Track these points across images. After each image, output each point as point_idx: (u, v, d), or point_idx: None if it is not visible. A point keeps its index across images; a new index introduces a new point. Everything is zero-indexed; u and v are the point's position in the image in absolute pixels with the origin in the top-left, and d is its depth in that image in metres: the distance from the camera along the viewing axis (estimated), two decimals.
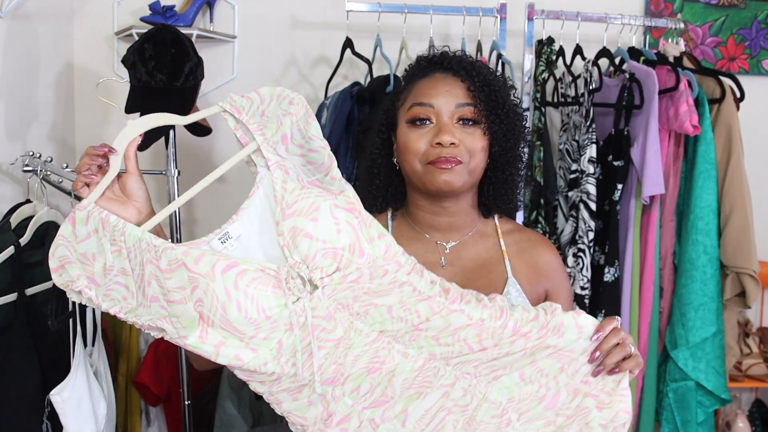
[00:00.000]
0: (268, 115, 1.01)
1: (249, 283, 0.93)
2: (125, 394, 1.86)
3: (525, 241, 1.22)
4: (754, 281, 1.94)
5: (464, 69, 1.15)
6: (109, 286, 0.97)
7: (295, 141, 1.02)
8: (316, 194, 0.98)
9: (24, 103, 1.82)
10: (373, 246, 0.97)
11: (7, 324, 1.34)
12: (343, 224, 0.96)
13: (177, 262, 0.93)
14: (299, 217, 0.96)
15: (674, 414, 1.99)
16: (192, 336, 0.94)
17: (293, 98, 1.01)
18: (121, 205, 0.99)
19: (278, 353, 0.96)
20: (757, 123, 2.32)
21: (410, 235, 1.20)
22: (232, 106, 1.01)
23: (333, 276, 0.96)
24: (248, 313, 0.93)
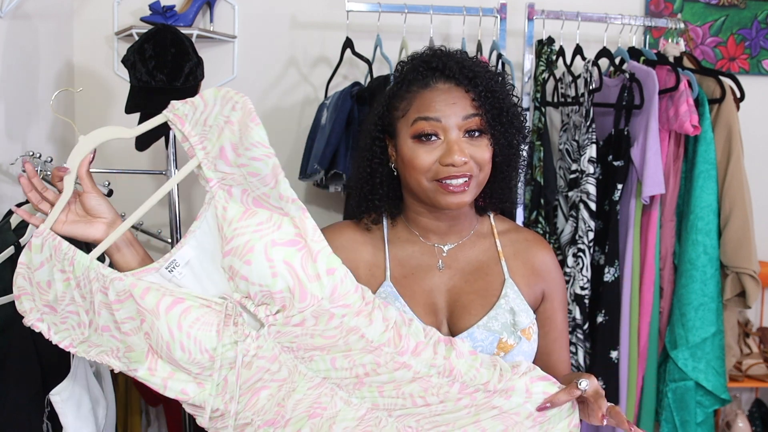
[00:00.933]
0: (209, 123, 0.94)
1: (192, 323, 0.92)
2: (125, 394, 1.86)
3: (521, 242, 1.21)
4: (754, 281, 1.94)
5: (467, 78, 1.10)
6: (64, 315, 0.97)
7: (238, 151, 0.92)
8: (252, 229, 0.92)
9: (24, 103, 1.82)
10: (320, 285, 0.92)
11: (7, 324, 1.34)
12: (279, 266, 0.91)
13: (125, 294, 0.93)
14: (234, 257, 0.92)
15: (673, 414, 1.99)
16: (141, 369, 0.94)
17: (236, 102, 0.93)
18: (87, 225, 0.98)
19: (223, 390, 0.96)
20: (757, 123, 2.32)
21: (407, 238, 1.19)
22: (175, 115, 0.95)
23: (276, 316, 0.93)
24: (191, 354, 0.92)
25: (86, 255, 0.94)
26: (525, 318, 1.11)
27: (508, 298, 1.12)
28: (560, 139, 2.10)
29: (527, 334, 1.10)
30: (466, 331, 1.09)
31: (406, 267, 1.15)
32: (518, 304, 1.13)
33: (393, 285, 1.12)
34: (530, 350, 1.12)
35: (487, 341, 1.08)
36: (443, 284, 1.15)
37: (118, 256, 1.01)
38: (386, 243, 1.18)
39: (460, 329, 1.10)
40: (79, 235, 0.98)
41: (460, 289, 1.14)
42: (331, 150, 1.85)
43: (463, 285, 1.15)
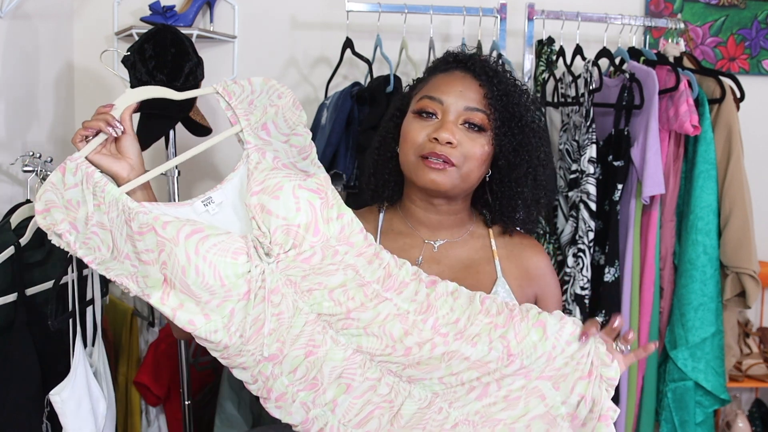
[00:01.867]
0: (255, 104, 1.11)
1: (209, 248, 0.98)
2: (125, 394, 1.86)
3: (516, 245, 1.22)
4: (754, 281, 1.94)
5: (486, 74, 1.13)
6: (88, 235, 1.02)
7: (279, 129, 1.11)
8: (283, 175, 1.04)
9: (24, 103, 1.82)
10: (329, 226, 1.02)
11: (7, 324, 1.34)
12: (303, 203, 1.01)
13: (147, 226, 0.99)
14: (263, 194, 1.02)
15: (673, 414, 1.99)
16: (155, 296, 0.99)
17: (282, 92, 1.12)
18: (115, 160, 1.06)
19: (229, 322, 1.00)
20: (757, 123, 2.32)
21: (400, 228, 1.21)
22: (225, 90, 1.11)
23: (288, 253, 1.01)
24: (205, 277, 0.97)
25: (116, 187, 1.03)
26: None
27: (497, 297, 1.13)
28: (560, 139, 2.10)
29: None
30: None
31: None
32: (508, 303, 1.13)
33: None
34: None
35: None
36: None
37: (139, 194, 1.09)
38: (379, 233, 1.21)
39: None
40: (104, 165, 1.05)
41: None
42: (331, 150, 1.85)
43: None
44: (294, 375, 1.02)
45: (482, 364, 1.01)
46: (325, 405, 1.03)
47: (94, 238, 1.02)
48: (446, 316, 1.02)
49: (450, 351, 1.01)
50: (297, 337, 1.02)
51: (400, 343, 1.01)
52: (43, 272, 1.44)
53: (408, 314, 1.02)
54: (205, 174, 2.25)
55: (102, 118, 1.04)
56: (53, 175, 1.03)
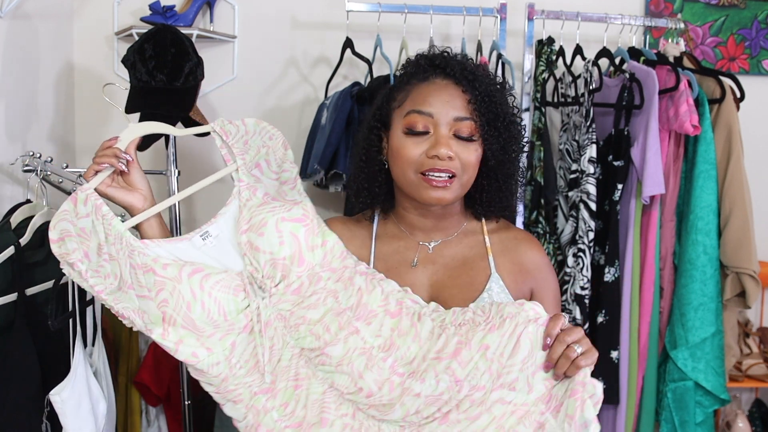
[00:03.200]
0: (250, 144, 1.19)
1: (213, 285, 1.04)
2: (125, 394, 1.86)
3: (511, 240, 1.21)
4: (754, 281, 1.94)
5: (466, 78, 1.12)
6: (100, 264, 1.06)
7: (271, 167, 1.20)
8: (268, 209, 1.10)
9: (24, 103, 1.82)
10: (314, 254, 1.09)
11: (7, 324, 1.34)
12: (287, 236, 1.07)
13: (146, 267, 1.04)
14: (251, 232, 1.08)
15: (673, 414, 1.99)
16: (156, 331, 1.04)
17: (273, 134, 1.21)
18: (128, 192, 1.12)
19: (230, 354, 1.06)
20: (757, 123, 2.32)
21: (394, 234, 1.22)
22: (222, 129, 1.19)
23: (279, 286, 1.07)
24: (210, 312, 1.03)
25: (121, 223, 1.08)
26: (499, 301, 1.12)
27: (491, 292, 1.13)
28: (560, 139, 2.10)
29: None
30: None
31: (389, 262, 1.18)
32: (502, 299, 1.13)
33: None
34: None
35: None
36: (426, 279, 1.16)
37: (146, 224, 1.14)
38: (374, 238, 1.21)
39: None
40: (119, 198, 1.11)
41: (443, 284, 1.15)
42: (331, 150, 1.85)
43: (446, 280, 1.16)
44: (284, 410, 1.06)
45: (435, 398, 1.03)
46: None
47: (105, 266, 1.06)
48: (404, 356, 1.05)
49: (404, 389, 1.04)
50: (286, 369, 1.07)
51: (361, 379, 1.04)
52: (43, 272, 1.44)
53: (372, 350, 1.05)
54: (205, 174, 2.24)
55: (110, 152, 1.09)
56: (65, 204, 1.07)
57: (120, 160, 1.09)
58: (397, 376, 1.04)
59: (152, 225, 1.15)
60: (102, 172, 1.09)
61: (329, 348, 1.06)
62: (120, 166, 1.10)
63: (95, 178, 1.09)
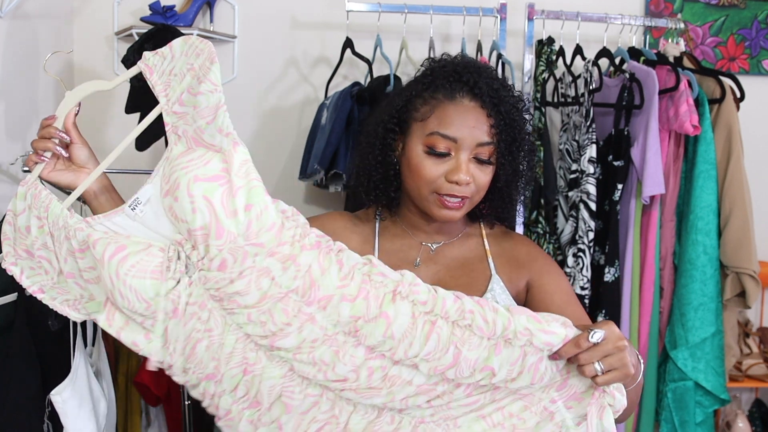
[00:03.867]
0: (174, 72, 0.96)
1: (128, 271, 0.92)
2: (125, 394, 1.86)
3: (507, 241, 1.24)
4: (754, 281, 1.94)
5: (493, 103, 1.10)
6: (38, 260, 1.01)
7: (192, 91, 0.93)
8: (182, 166, 0.91)
9: (24, 103, 1.82)
10: (235, 221, 0.89)
11: (7, 324, 1.34)
12: (199, 201, 0.89)
13: (84, 244, 0.96)
14: (170, 195, 0.92)
15: (673, 414, 1.99)
16: (101, 319, 0.97)
17: (201, 49, 0.94)
18: (73, 174, 1.03)
19: (166, 342, 0.97)
20: (757, 123, 2.32)
21: (396, 232, 1.22)
22: (146, 65, 0.98)
23: (203, 260, 0.92)
24: (130, 302, 0.93)
25: (59, 203, 0.98)
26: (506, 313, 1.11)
27: (494, 293, 1.14)
28: (560, 139, 2.10)
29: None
30: None
31: (392, 259, 1.17)
32: (504, 299, 1.14)
33: None
34: None
35: None
36: (428, 279, 1.16)
37: (95, 202, 1.06)
38: (377, 235, 1.21)
39: None
40: (64, 182, 1.02)
41: (445, 284, 1.15)
42: (331, 150, 1.85)
43: (448, 280, 1.16)
44: (236, 393, 0.99)
45: (429, 388, 0.95)
46: (271, 423, 0.99)
47: (43, 262, 1.01)
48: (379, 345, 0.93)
49: (388, 375, 0.94)
50: (230, 355, 0.96)
51: (332, 370, 0.94)
52: None
53: (337, 336, 0.93)
54: None
55: (47, 134, 1.01)
56: (11, 203, 1.01)
57: (59, 144, 1.00)
58: (377, 359, 0.94)
59: (102, 203, 1.05)
60: (41, 163, 1.01)
61: (279, 341, 0.93)
62: (59, 152, 1.00)
63: (35, 170, 1.00)
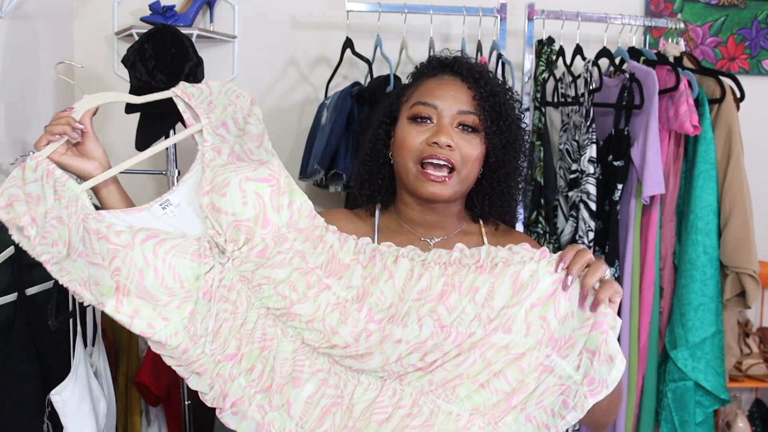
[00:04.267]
0: (215, 103, 1.13)
1: (168, 250, 0.99)
2: (125, 394, 1.86)
3: (507, 237, 1.24)
4: (754, 281, 1.94)
5: (473, 77, 1.16)
6: (47, 229, 1.02)
7: (237, 125, 1.13)
8: (232, 169, 1.04)
9: (24, 103, 1.82)
10: (279, 215, 1.03)
11: (7, 324, 1.34)
12: (251, 196, 1.02)
13: (100, 234, 0.99)
14: (213, 193, 1.03)
15: (673, 414, 1.99)
16: (109, 304, 0.99)
17: (240, 92, 1.15)
18: (84, 160, 1.08)
19: (189, 323, 1.01)
20: (757, 123, 2.32)
21: (396, 229, 1.22)
22: (183, 92, 1.13)
23: (242, 249, 1.02)
24: (165, 279, 0.98)
25: (77, 184, 1.03)
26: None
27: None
28: (560, 139, 2.10)
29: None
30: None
31: None
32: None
33: None
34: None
35: None
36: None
37: (105, 192, 1.11)
38: (376, 231, 1.22)
39: None
40: (74, 166, 1.07)
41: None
42: (331, 150, 1.85)
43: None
44: (251, 374, 1.02)
45: (418, 344, 0.98)
46: (281, 407, 1.01)
47: (52, 232, 1.02)
48: (379, 301, 1.01)
49: (383, 336, 0.99)
50: (251, 332, 1.03)
51: (336, 335, 1.00)
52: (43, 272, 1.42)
53: (345, 303, 1.02)
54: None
55: (63, 121, 1.05)
56: (14, 171, 1.04)
57: (74, 130, 1.05)
58: (375, 323, 1.00)
59: (112, 192, 1.11)
60: (55, 142, 1.05)
61: (296, 307, 1.02)
62: (74, 135, 1.05)
63: (47, 147, 1.05)
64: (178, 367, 1.03)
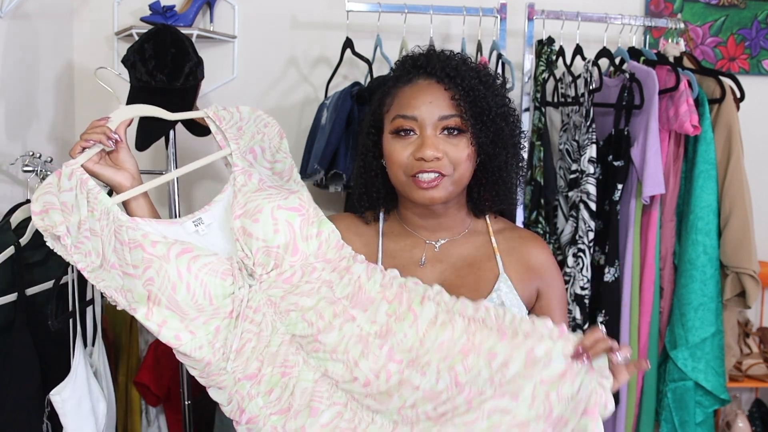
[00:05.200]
0: (244, 130, 1.18)
1: (201, 267, 1.02)
2: (125, 394, 1.86)
3: (516, 239, 1.22)
4: (754, 281, 1.94)
5: (448, 75, 1.12)
6: (80, 240, 1.04)
7: (265, 155, 1.19)
8: (264, 196, 1.08)
9: (24, 103, 1.82)
10: (308, 244, 1.07)
11: (7, 324, 1.34)
12: (282, 224, 1.05)
13: (135, 242, 1.01)
14: (245, 217, 1.07)
15: (673, 414, 1.99)
16: (140, 311, 1.02)
17: (268, 121, 1.21)
18: (116, 171, 1.10)
19: (214, 338, 1.04)
20: (757, 123, 2.32)
21: (400, 232, 1.22)
22: (215, 114, 1.17)
23: (270, 273, 1.05)
24: (195, 295, 1.01)
25: (109, 197, 1.05)
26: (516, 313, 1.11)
27: (500, 292, 1.13)
28: (560, 139, 2.10)
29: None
30: None
31: (397, 259, 1.18)
32: (510, 299, 1.13)
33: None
34: None
35: None
36: (435, 279, 1.16)
37: (135, 204, 1.12)
38: (380, 236, 1.21)
39: None
40: (106, 176, 1.09)
41: (451, 283, 1.15)
42: (331, 150, 1.85)
43: (454, 279, 1.16)
44: (269, 396, 1.05)
45: (434, 394, 1.01)
46: (296, 430, 1.04)
47: (86, 243, 1.04)
48: (401, 342, 1.03)
49: (402, 379, 1.02)
50: (274, 356, 1.05)
51: (356, 367, 1.03)
52: (43, 272, 1.44)
53: (369, 337, 1.04)
54: (204, 174, 2.25)
55: (100, 130, 1.07)
56: (49, 177, 1.05)
57: (109, 139, 1.07)
58: (395, 363, 1.02)
59: (141, 204, 1.13)
60: (89, 150, 1.07)
61: (322, 335, 1.04)
62: (109, 144, 1.07)
63: (82, 155, 1.06)
64: (200, 378, 1.06)
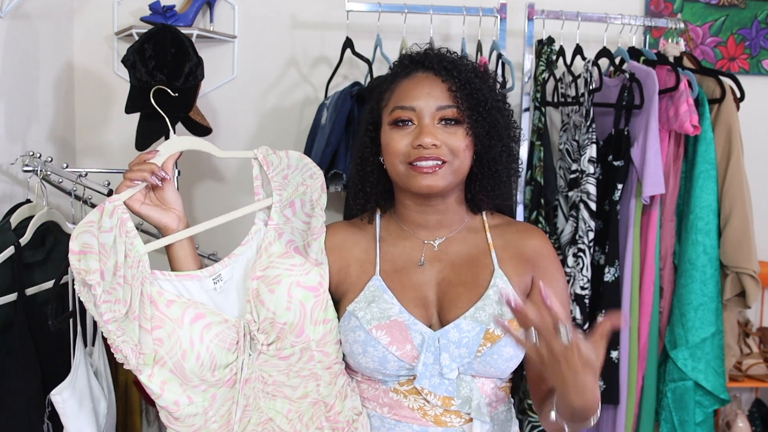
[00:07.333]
0: (289, 179, 1.15)
1: (212, 338, 1.02)
2: (125, 394, 1.86)
3: (512, 233, 1.22)
4: (754, 281, 1.94)
5: (445, 68, 1.15)
6: (113, 285, 0.99)
7: (304, 209, 1.15)
8: (286, 266, 1.07)
9: (24, 103, 1.82)
10: (315, 329, 1.07)
11: (7, 324, 1.34)
12: (295, 303, 1.05)
13: (151, 297, 1.00)
14: (262, 282, 1.06)
15: (672, 414, 1.99)
16: (145, 372, 1.00)
17: (314, 172, 1.17)
18: (162, 212, 1.08)
19: (209, 406, 1.05)
20: (757, 123, 2.32)
21: (398, 233, 1.22)
22: (264, 158, 1.13)
23: (270, 346, 1.06)
24: (203, 365, 1.01)
25: (142, 244, 1.02)
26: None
27: (496, 288, 1.14)
28: (560, 139, 2.10)
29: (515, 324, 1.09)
30: (452, 323, 1.10)
31: (396, 262, 1.18)
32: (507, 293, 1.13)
33: (382, 279, 1.15)
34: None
35: (474, 332, 1.09)
36: (433, 277, 1.16)
37: (178, 244, 1.10)
38: (378, 239, 1.21)
39: (448, 321, 1.12)
40: (153, 217, 1.06)
41: (449, 281, 1.16)
42: (331, 150, 1.85)
43: (452, 277, 1.16)
44: None
45: None
46: None
47: (118, 290, 0.98)
48: None
49: None
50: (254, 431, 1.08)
51: None
52: (43, 272, 1.44)
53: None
54: (205, 174, 2.25)
55: (147, 167, 1.05)
56: (91, 214, 1.00)
57: (155, 176, 1.04)
58: None
59: (184, 246, 1.11)
60: (133, 188, 1.03)
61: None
62: (154, 181, 1.04)
63: (126, 192, 1.03)
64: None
